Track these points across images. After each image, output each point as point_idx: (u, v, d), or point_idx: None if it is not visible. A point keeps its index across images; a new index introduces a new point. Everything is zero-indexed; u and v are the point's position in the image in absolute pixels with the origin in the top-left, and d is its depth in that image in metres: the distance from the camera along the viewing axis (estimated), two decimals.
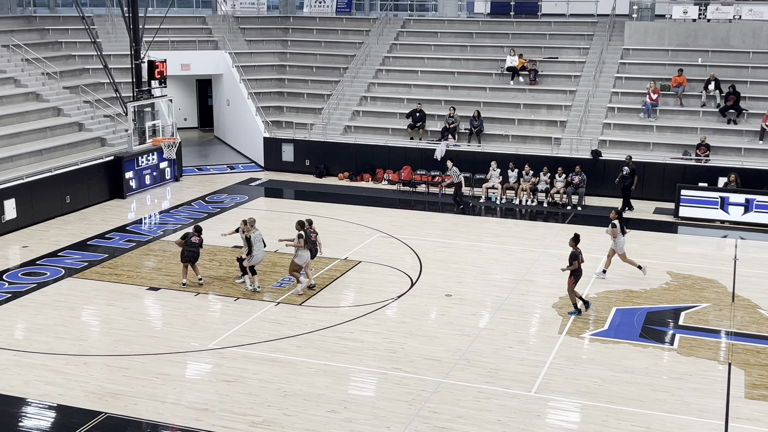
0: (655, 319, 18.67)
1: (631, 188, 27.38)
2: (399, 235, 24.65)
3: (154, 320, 18.42)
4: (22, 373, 15.74)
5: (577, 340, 17.41)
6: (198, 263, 20.45)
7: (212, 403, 14.66)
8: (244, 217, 20.86)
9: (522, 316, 18.72)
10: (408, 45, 37.21)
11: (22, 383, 15.35)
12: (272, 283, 20.50)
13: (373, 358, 16.48)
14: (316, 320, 18.31)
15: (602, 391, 15.21)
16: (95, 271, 21.54)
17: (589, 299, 19.38)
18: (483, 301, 19.57)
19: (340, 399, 14.85)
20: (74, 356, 16.46)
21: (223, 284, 20.39)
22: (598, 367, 16.18)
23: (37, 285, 20.49)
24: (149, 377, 15.61)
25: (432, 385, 15.38)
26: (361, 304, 19.35)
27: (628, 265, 21.24)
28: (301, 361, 16.29)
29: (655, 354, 16.89)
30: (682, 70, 31.79)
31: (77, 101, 31.68)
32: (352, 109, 34.44)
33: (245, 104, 35.02)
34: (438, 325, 18.19)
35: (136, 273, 21.33)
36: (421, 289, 20.34)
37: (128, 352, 16.70)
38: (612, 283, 20.64)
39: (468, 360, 16.44)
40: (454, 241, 24.02)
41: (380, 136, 32.89)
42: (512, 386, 15.34)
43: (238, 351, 16.73)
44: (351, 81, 35.72)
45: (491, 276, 21.30)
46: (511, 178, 28.92)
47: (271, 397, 14.84)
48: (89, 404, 14.55)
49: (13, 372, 15.82)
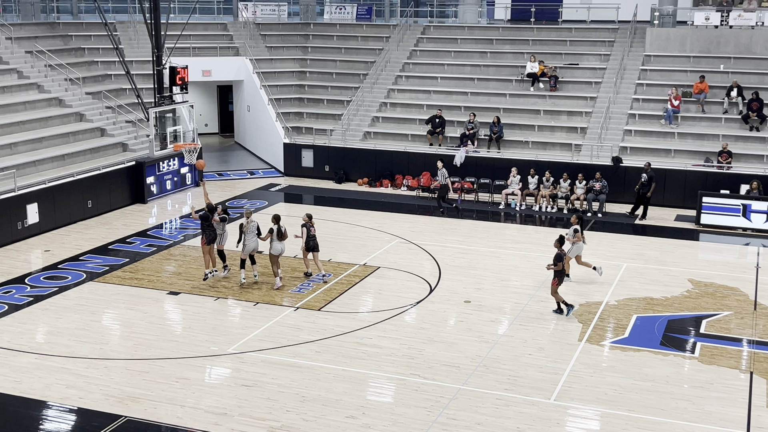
0: (676, 327, 18.55)
1: (647, 195, 27.27)
2: (418, 241, 24.61)
3: (174, 324, 18.50)
4: (43, 377, 15.85)
5: (597, 348, 17.32)
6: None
7: (231, 407, 14.70)
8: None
9: (541, 323, 18.66)
10: (428, 51, 37.25)
11: (43, 386, 15.46)
12: (291, 288, 20.55)
13: (392, 364, 16.48)
14: (335, 325, 18.32)
15: (622, 400, 15.13)
16: (116, 275, 21.67)
17: (609, 307, 19.32)
18: (502, 308, 19.52)
19: (358, 405, 14.85)
20: (95, 360, 16.56)
21: (243, 289, 20.43)
22: (618, 375, 16.10)
23: (58, 289, 20.64)
24: (169, 381, 15.68)
25: (451, 391, 15.36)
26: (379, 309, 19.35)
27: (644, 274, 21.15)
28: (319, 367, 16.31)
29: (676, 362, 16.78)
30: (704, 77, 31.62)
31: (99, 107, 31.91)
32: (372, 115, 34.50)
33: (265, 110, 35.15)
34: (457, 332, 18.16)
35: (157, 277, 21.43)
36: (440, 295, 20.31)
37: (148, 355, 16.78)
38: (632, 290, 20.53)
39: (487, 367, 16.40)
40: (473, 248, 23.98)
41: (400, 142, 32.90)
42: (531, 393, 15.29)
43: (257, 356, 16.77)
44: (371, 87, 35.78)
45: (510, 282, 21.24)
46: (531, 185, 28.84)
47: (289, 402, 14.86)
48: (109, 408, 14.63)
49: (34, 375, 15.93)
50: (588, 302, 19.86)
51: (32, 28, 35.38)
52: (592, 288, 20.77)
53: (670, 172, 28.61)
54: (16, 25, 34.75)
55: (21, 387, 15.45)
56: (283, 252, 20.63)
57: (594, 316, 19.05)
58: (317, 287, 20.38)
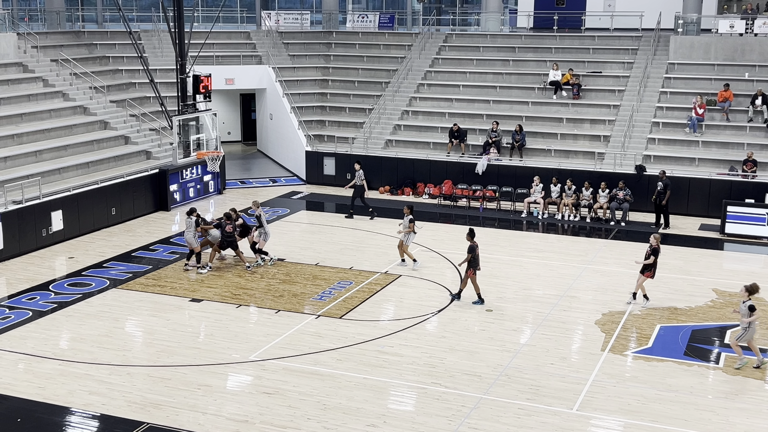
0: (700, 337, 18.38)
1: (662, 204, 27.08)
2: (439, 249, 24.56)
3: (196, 332, 18.56)
4: (66, 383, 15.94)
5: (619, 358, 17.18)
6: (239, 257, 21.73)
7: (252, 415, 14.70)
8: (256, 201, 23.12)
9: (564, 332, 18.54)
10: (450, 59, 37.20)
11: (66, 392, 15.55)
12: (312, 296, 20.54)
13: (413, 373, 16.42)
14: (357, 334, 18.30)
15: (645, 410, 14.99)
16: (139, 282, 21.76)
17: (632, 316, 19.19)
18: (524, 317, 19.42)
19: (379, 413, 14.81)
20: (118, 366, 16.63)
21: (264, 296, 20.46)
22: (642, 386, 15.96)
23: (82, 295, 20.75)
24: (191, 388, 15.71)
25: (472, 400, 15.29)
26: (401, 318, 19.31)
27: (668, 283, 21.00)
28: (340, 375, 16.28)
29: (700, 372, 16.61)
30: (729, 85, 31.37)
31: (123, 115, 32.13)
32: (394, 123, 34.48)
33: (288, 118, 35.22)
34: (478, 340, 18.07)
35: (179, 284, 21.52)
36: (460, 304, 20.24)
37: (170, 363, 16.82)
38: (656, 300, 20.35)
39: (509, 376, 16.31)
40: (495, 256, 23.88)
41: (421, 150, 32.84)
42: (554, 403, 15.19)
43: (279, 363, 16.77)
44: (393, 95, 35.78)
45: (532, 291, 21.13)
46: (553, 193, 28.70)
47: (310, 410, 14.84)
48: (132, 414, 14.68)
49: (57, 381, 16.02)
50: (611, 311, 19.72)
51: (57, 36, 35.71)
52: (615, 297, 20.65)
53: (694, 180, 28.38)
54: (42, 33, 35.08)
55: (44, 393, 15.53)
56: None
57: (617, 325, 18.91)
58: (338, 295, 20.39)
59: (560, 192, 28.65)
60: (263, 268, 22.42)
